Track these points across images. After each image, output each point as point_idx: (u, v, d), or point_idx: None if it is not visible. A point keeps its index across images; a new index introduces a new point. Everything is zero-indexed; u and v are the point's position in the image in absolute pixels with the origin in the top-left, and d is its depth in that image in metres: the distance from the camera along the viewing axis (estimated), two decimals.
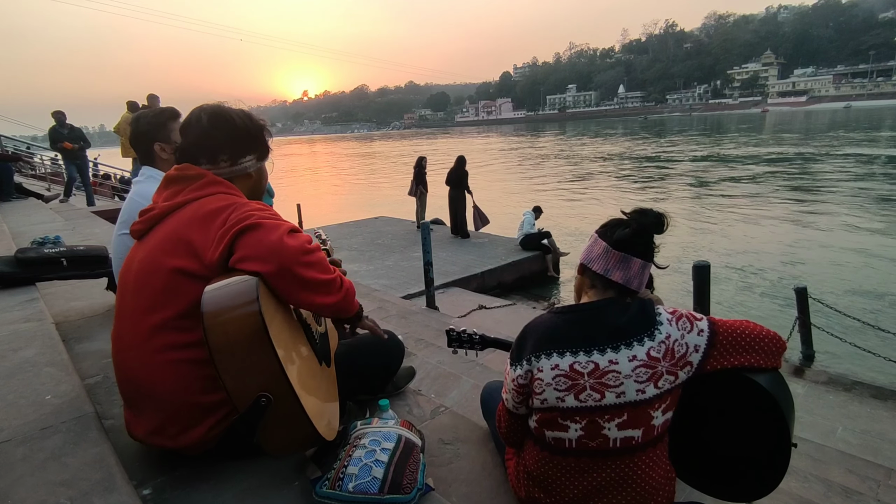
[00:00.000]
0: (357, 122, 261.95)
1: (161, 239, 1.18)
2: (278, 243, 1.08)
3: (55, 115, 8.07)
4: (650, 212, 1.18)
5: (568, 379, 1.11)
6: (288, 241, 1.10)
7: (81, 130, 8.51)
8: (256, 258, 1.08)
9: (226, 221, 1.12)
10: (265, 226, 1.10)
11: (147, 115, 2.05)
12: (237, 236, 1.09)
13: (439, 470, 1.51)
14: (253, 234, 1.09)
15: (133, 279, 1.20)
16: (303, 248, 1.12)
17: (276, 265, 1.08)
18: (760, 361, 1.12)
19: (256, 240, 1.09)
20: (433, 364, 2.54)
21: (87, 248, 2.89)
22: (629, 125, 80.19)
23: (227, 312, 1.03)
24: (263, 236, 1.09)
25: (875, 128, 41.94)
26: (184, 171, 1.26)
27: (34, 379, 1.67)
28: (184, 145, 1.30)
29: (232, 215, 1.13)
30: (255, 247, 1.08)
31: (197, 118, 1.28)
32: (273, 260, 1.08)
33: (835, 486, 2.13)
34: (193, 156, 1.28)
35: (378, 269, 7.44)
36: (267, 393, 1.04)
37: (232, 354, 1.03)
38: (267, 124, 1.38)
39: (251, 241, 1.09)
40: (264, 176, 1.41)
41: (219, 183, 1.25)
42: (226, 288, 1.06)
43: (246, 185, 1.33)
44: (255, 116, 1.34)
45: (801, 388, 3.95)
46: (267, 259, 1.08)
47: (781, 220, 11.73)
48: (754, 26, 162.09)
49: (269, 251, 1.08)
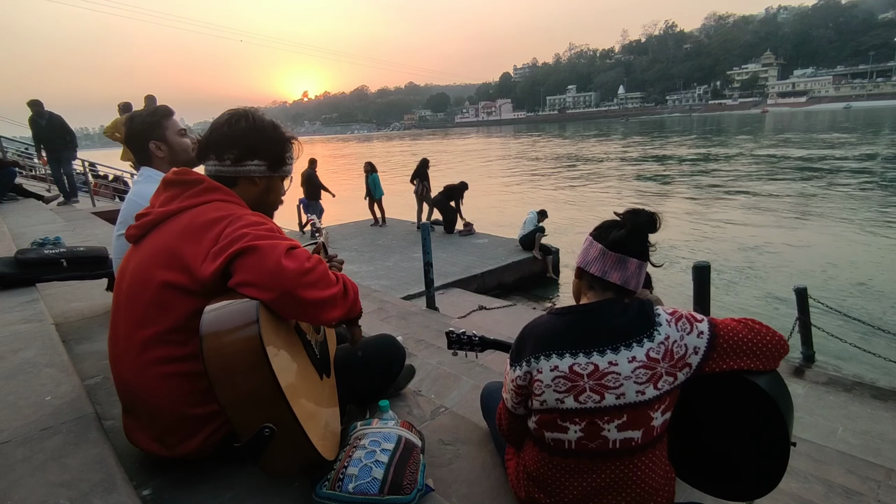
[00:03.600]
0: (357, 122, 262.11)
1: (153, 250, 1.16)
2: (276, 268, 1.03)
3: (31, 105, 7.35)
4: (643, 212, 1.19)
5: (567, 380, 1.11)
6: (287, 263, 1.04)
7: (62, 118, 7.67)
8: (255, 285, 1.04)
9: (219, 237, 1.09)
10: (261, 249, 1.05)
11: (141, 115, 2.05)
12: (233, 258, 1.05)
13: (439, 471, 1.51)
14: (250, 257, 1.05)
15: (126, 289, 1.19)
16: (302, 269, 1.06)
17: (276, 292, 1.04)
18: (760, 365, 1.12)
19: (254, 265, 1.04)
20: (433, 365, 2.54)
21: (87, 248, 2.89)
22: (629, 126, 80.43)
23: (225, 338, 1.00)
24: (261, 261, 1.04)
25: (875, 127, 42.00)
26: (182, 175, 1.24)
27: (34, 380, 1.67)
28: (201, 141, 1.29)
29: (226, 230, 1.09)
30: (253, 272, 1.04)
31: (222, 116, 1.28)
32: (273, 287, 1.03)
33: (835, 486, 2.13)
34: (204, 152, 1.27)
35: (378, 270, 7.44)
36: (270, 424, 1.00)
37: (233, 384, 0.99)
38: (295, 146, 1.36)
39: (248, 266, 1.04)
40: (274, 190, 1.35)
41: (216, 189, 1.22)
42: (224, 311, 1.03)
43: (249, 193, 1.29)
44: (282, 129, 1.32)
45: (802, 388, 3.95)
46: (267, 287, 1.03)
47: (781, 220, 11.74)
48: (754, 27, 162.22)
49: (269, 277, 1.03)
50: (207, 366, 0.98)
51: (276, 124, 1.31)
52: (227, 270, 1.07)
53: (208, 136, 1.27)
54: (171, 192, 1.23)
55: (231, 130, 1.26)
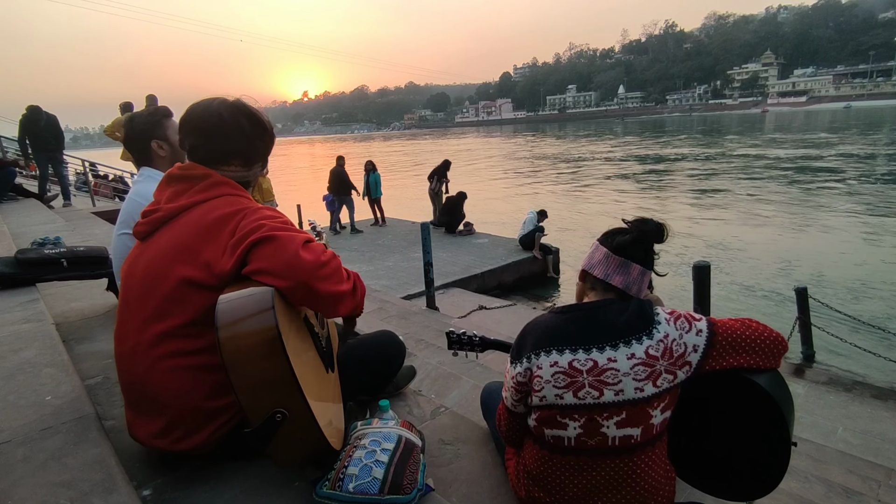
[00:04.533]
0: (357, 122, 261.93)
1: (168, 245, 1.16)
2: (294, 258, 1.05)
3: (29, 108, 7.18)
4: (650, 221, 1.21)
5: (567, 376, 1.12)
6: (304, 255, 1.06)
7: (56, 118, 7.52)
8: (272, 273, 1.05)
9: (236, 230, 1.10)
10: (280, 239, 1.07)
11: (141, 115, 2.06)
12: (251, 248, 1.07)
13: (439, 470, 1.51)
14: (268, 246, 1.06)
15: (138, 283, 1.18)
16: (318, 261, 1.08)
17: (293, 281, 1.05)
18: (760, 363, 1.12)
19: (271, 253, 1.05)
20: (433, 364, 2.54)
21: (87, 248, 2.89)
22: (629, 127, 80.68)
23: (241, 325, 1.01)
24: (279, 250, 1.06)
25: (875, 127, 42.08)
26: (188, 170, 1.22)
27: (34, 380, 1.67)
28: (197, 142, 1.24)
29: (243, 222, 1.10)
30: (271, 261, 1.05)
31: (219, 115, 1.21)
32: (290, 276, 1.05)
33: (835, 486, 2.13)
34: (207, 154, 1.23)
35: (378, 270, 7.45)
36: (282, 409, 1.02)
37: (247, 370, 1.00)
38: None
39: (266, 254, 1.06)
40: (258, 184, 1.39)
41: (225, 183, 1.21)
42: (240, 300, 1.04)
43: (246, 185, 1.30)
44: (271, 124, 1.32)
45: (802, 388, 3.95)
46: (284, 275, 1.05)
47: (781, 220, 11.75)
48: (754, 26, 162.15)
49: (286, 266, 1.05)
50: (223, 351, 0.99)
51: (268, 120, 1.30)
52: (244, 261, 1.08)
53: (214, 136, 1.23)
54: (176, 187, 1.22)
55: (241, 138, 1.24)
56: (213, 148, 1.24)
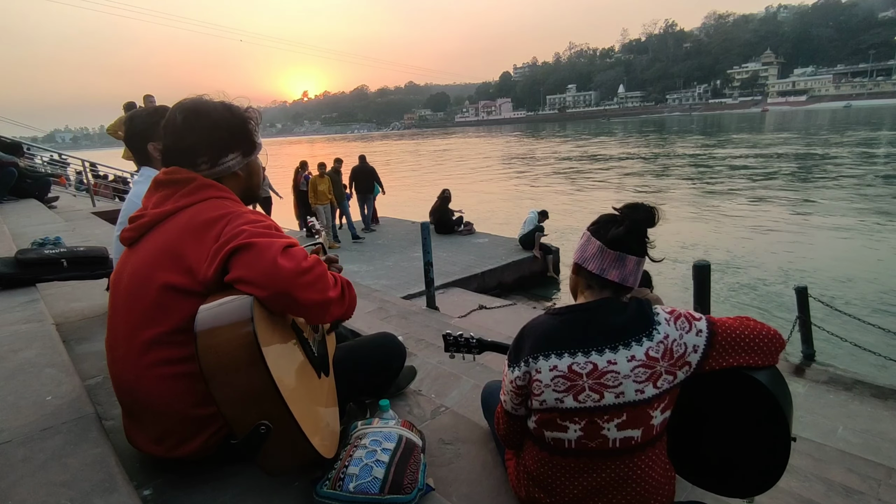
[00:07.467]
0: (357, 122, 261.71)
1: (152, 251, 1.14)
2: (272, 267, 1.01)
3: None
4: (641, 206, 1.17)
5: (566, 380, 1.11)
6: (282, 262, 1.02)
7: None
8: (250, 282, 1.02)
9: (219, 236, 1.07)
10: (257, 246, 1.03)
11: (141, 115, 2.05)
12: (230, 255, 1.04)
13: (440, 470, 1.51)
14: (247, 254, 1.03)
15: (124, 291, 1.17)
16: (298, 268, 1.04)
17: (271, 291, 1.02)
18: (759, 361, 1.12)
19: (250, 261, 1.02)
20: (433, 364, 2.53)
21: (87, 248, 2.89)
22: (628, 127, 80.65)
23: (218, 334, 0.98)
24: (256, 258, 1.02)
25: (875, 127, 42.07)
26: (172, 174, 1.20)
27: (34, 380, 1.67)
28: (164, 148, 1.24)
29: (226, 229, 1.08)
30: (249, 269, 1.02)
31: (173, 118, 1.20)
32: (268, 286, 1.02)
33: (835, 485, 2.13)
34: (175, 159, 1.21)
35: (378, 270, 7.44)
36: (266, 421, 0.98)
37: (227, 381, 0.97)
38: (253, 116, 1.27)
39: (244, 262, 1.03)
40: (256, 172, 1.32)
41: (210, 186, 1.19)
42: (217, 309, 1.01)
43: (236, 185, 1.26)
44: (236, 108, 1.24)
45: (802, 387, 3.95)
46: (262, 285, 1.02)
47: (781, 219, 11.75)
48: (754, 26, 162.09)
49: (263, 275, 1.01)
50: (202, 363, 0.96)
51: (230, 106, 1.23)
52: (224, 268, 1.06)
53: (169, 143, 1.21)
54: (163, 192, 1.20)
55: (192, 133, 1.20)
56: (174, 149, 1.22)
